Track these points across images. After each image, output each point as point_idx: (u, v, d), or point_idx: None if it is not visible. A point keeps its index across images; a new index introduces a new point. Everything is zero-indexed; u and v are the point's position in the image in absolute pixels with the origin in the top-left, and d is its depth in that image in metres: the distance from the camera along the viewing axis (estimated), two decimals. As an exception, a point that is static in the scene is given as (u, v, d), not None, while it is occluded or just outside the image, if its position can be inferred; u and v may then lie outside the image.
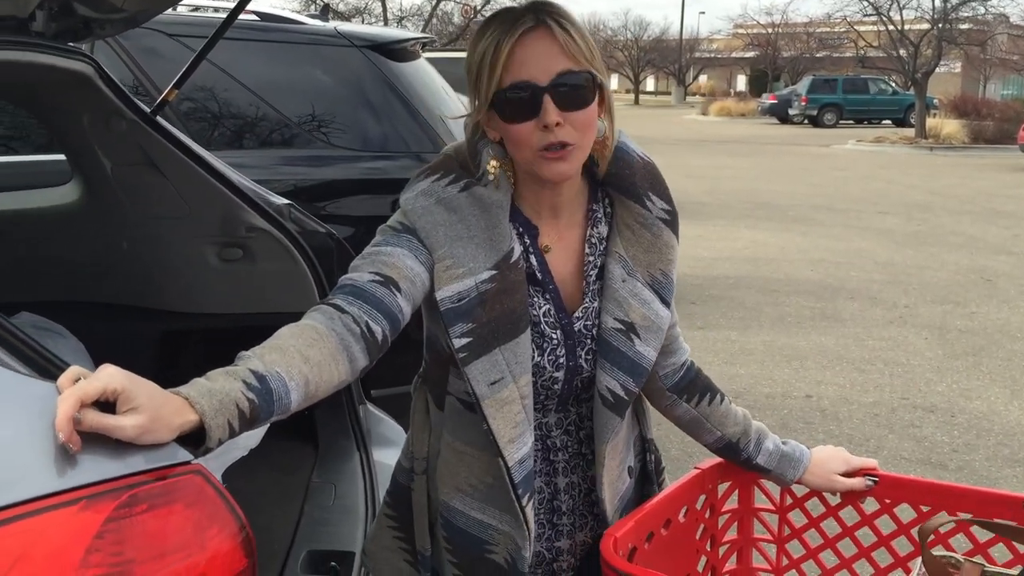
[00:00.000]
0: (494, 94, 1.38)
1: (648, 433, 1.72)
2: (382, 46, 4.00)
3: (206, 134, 3.92)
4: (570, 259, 1.52)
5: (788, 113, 35.32)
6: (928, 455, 4.39)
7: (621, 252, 1.50)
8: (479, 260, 1.41)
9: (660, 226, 1.50)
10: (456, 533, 1.55)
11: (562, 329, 1.49)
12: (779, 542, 1.82)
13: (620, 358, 1.48)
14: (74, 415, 1.02)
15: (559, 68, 1.36)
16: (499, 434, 1.42)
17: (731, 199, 13.18)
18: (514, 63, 1.36)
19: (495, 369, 1.41)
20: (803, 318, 6.93)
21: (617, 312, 1.48)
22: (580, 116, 1.38)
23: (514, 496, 1.45)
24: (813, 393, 5.28)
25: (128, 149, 2.36)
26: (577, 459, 1.60)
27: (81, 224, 2.55)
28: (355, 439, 2.44)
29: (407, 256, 1.40)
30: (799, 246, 9.82)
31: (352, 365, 1.31)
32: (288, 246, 2.42)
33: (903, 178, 16.57)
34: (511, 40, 1.35)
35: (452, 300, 1.40)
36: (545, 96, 1.35)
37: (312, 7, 24.13)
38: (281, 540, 2.05)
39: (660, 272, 1.51)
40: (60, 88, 2.23)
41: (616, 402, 1.49)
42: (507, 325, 1.41)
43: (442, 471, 1.57)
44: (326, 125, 4.00)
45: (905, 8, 27.07)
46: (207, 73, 3.85)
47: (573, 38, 1.37)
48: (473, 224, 1.42)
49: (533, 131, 1.37)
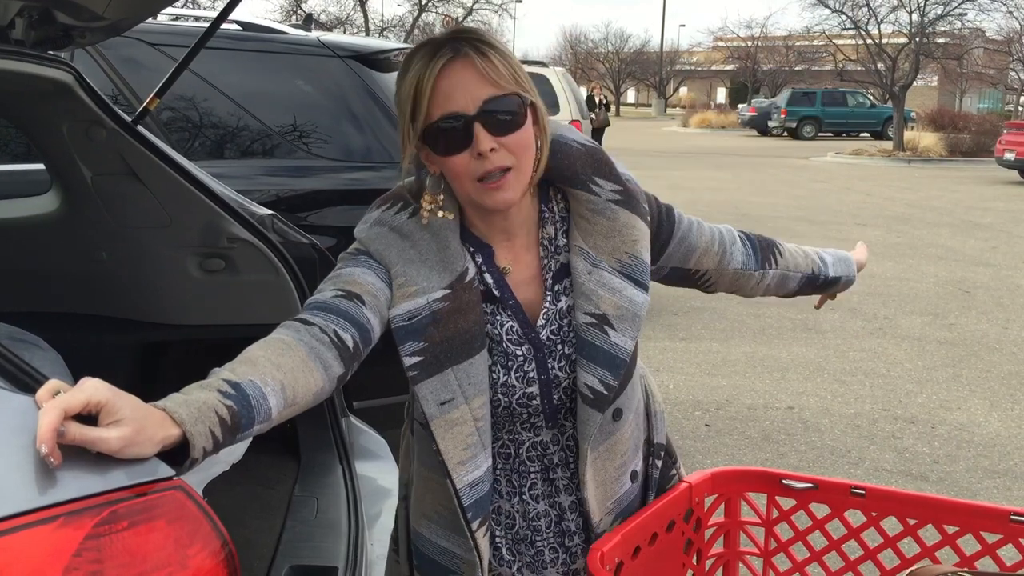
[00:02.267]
0: (423, 129, 1.36)
1: (657, 438, 1.69)
2: (365, 56, 3.99)
3: (187, 144, 3.89)
4: (530, 272, 1.50)
5: (768, 125, 35.56)
6: (909, 466, 4.41)
7: (581, 244, 1.47)
8: (432, 280, 1.40)
9: (614, 208, 1.47)
10: (425, 562, 1.55)
11: (529, 343, 1.47)
12: (765, 556, 1.81)
13: (596, 352, 1.46)
14: (57, 427, 1.00)
15: (485, 95, 1.34)
16: (447, 455, 1.40)
17: (712, 211, 13.22)
18: (439, 96, 1.34)
19: (446, 389, 1.39)
20: (784, 329, 6.95)
21: (587, 306, 1.46)
22: (513, 139, 1.36)
23: (463, 520, 1.43)
24: (795, 404, 5.29)
25: (108, 158, 2.33)
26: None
27: (60, 234, 2.51)
28: (338, 452, 2.41)
29: (367, 273, 1.41)
30: (780, 257, 9.83)
31: (328, 372, 1.30)
32: (271, 257, 2.39)
33: (881, 190, 16.70)
34: (432, 74, 1.34)
35: (403, 318, 1.39)
36: (475, 124, 1.34)
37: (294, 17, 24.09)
38: (263, 555, 2.02)
39: (627, 255, 1.47)
40: (39, 96, 2.21)
41: (596, 398, 1.46)
42: (461, 345, 1.40)
43: (414, 498, 1.57)
44: (308, 135, 3.98)
45: (883, 22, 27.36)
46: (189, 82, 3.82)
47: (494, 63, 1.35)
48: (424, 248, 1.42)
49: (469, 161, 1.35)
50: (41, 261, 2.55)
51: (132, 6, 2.20)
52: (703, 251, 1.65)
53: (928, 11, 26.68)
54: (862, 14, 27.11)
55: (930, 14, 26.77)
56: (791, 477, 1.75)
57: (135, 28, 3.69)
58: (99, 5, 2.13)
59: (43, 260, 2.55)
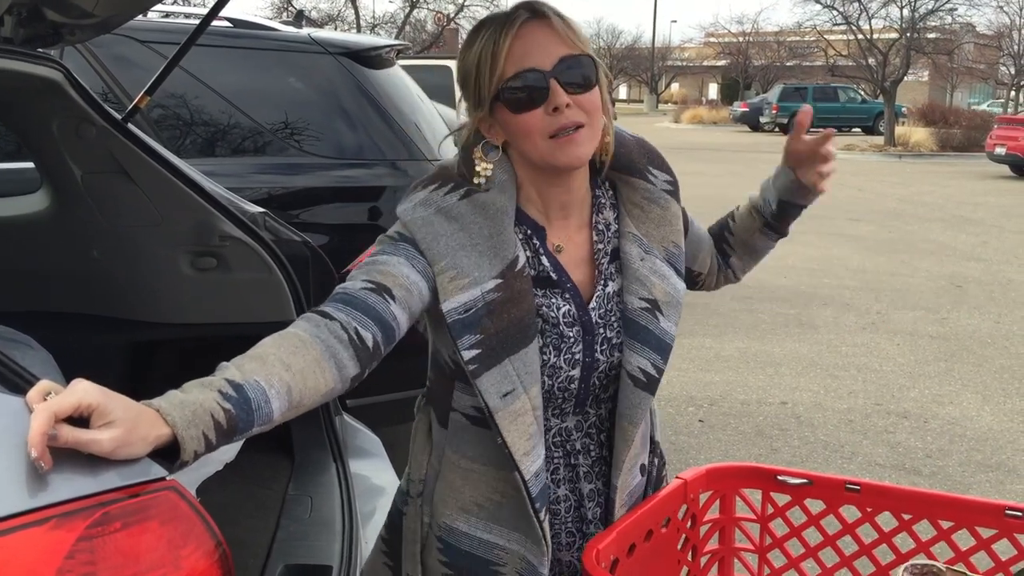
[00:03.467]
0: (498, 89, 1.37)
1: (656, 434, 1.70)
2: (356, 53, 3.97)
3: (178, 141, 3.87)
4: (583, 253, 1.51)
5: (760, 121, 35.57)
6: (902, 461, 4.42)
7: (634, 231, 1.51)
8: (484, 269, 1.38)
9: (667, 198, 1.53)
10: (460, 557, 1.51)
11: (580, 325, 1.47)
12: (761, 552, 1.80)
13: (648, 336, 1.48)
14: (48, 431, 0.99)
15: (561, 53, 1.37)
16: (514, 447, 1.39)
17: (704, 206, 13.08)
18: (515, 54, 1.36)
19: (506, 380, 1.38)
20: (777, 325, 6.96)
21: (641, 291, 1.49)
22: (587, 98, 1.38)
23: (532, 511, 1.42)
24: (788, 400, 5.30)
25: (98, 156, 2.32)
26: (600, 464, 1.57)
27: (50, 233, 2.50)
28: (331, 450, 2.40)
29: (403, 264, 1.37)
30: (772, 253, 9.76)
31: (341, 372, 1.27)
32: (263, 255, 2.38)
33: (873, 185, 16.74)
34: (510, 34, 1.36)
35: (459, 311, 1.37)
36: (551, 80, 1.36)
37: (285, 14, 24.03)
38: (257, 554, 2.01)
39: (672, 244, 1.52)
40: (28, 94, 2.19)
41: (648, 381, 1.48)
42: (516, 335, 1.39)
43: (443, 492, 1.53)
44: (300, 133, 3.96)
45: (874, 18, 27.42)
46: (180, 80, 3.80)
47: (570, 25, 1.40)
48: (475, 232, 1.39)
49: (542, 117, 1.37)
50: (32, 260, 2.53)
51: (122, 3, 2.19)
52: (705, 252, 1.71)
53: (919, 6, 26.78)
54: (853, 9, 27.18)
55: (921, 9, 26.87)
56: (786, 473, 1.75)
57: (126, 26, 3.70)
58: (89, 2, 2.12)
59: (34, 259, 2.53)
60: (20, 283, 2.54)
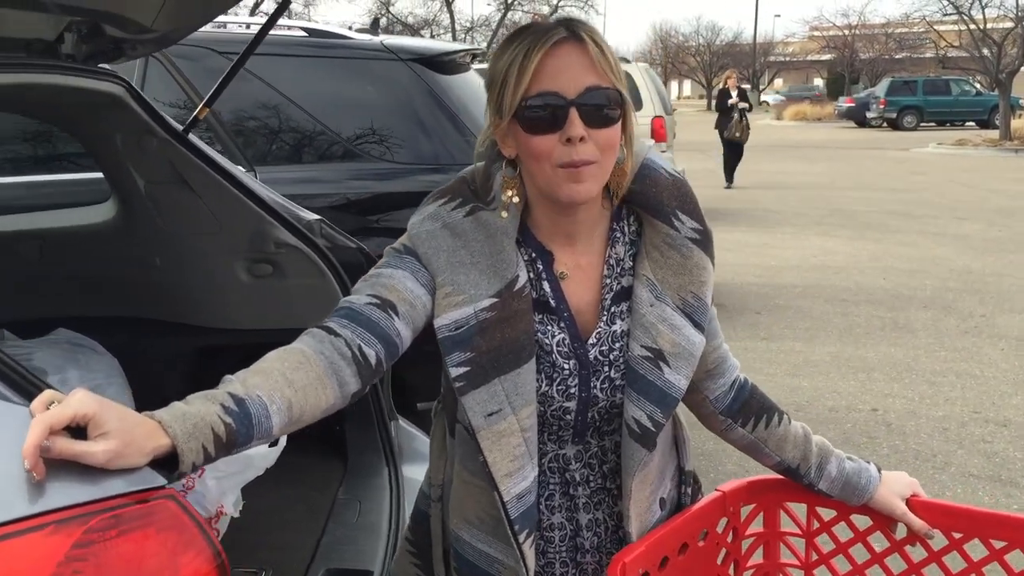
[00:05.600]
0: (519, 103, 1.32)
1: (686, 464, 1.64)
2: (428, 59, 4.00)
3: (263, 150, 3.99)
4: (588, 284, 1.46)
5: (866, 116, 34.51)
6: (998, 471, 4.20)
7: (649, 275, 1.43)
8: (480, 287, 1.36)
9: (690, 246, 1.42)
10: (465, 564, 1.52)
11: (576, 358, 1.43)
12: (807, 568, 1.74)
13: (648, 387, 1.41)
14: (42, 443, 1.02)
15: (588, 83, 1.31)
16: (495, 467, 1.37)
17: (803, 205, 12.90)
18: (543, 73, 1.31)
19: (493, 400, 1.36)
20: (872, 328, 6.71)
21: (644, 338, 1.41)
22: (603, 135, 1.33)
23: (510, 532, 1.40)
24: (879, 406, 5.10)
25: (160, 167, 2.39)
26: (601, 494, 1.54)
27: (117, 241, 2.59)
28: (384, 455, 2.42)
29: (408, 278, 1.37)
30: (871, 253, 9.54)
31: (342, 389, 1.29)
32: (317, 261, 2.42)
33: (985, 182, 16.00)
34: (542, 49, 1.31)
35: (450, 328, 1.36)
36: (571, 109, 1.30)
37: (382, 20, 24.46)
38: (302, 558, 2.04)
39: (691, 295, 1.43)
40: (92, 109, 2.27)
41: (643, 433, 1.42)
42: (508, 355, 1.36)
43: (453, 501, 1.54)
44: (376, 139, 4.02)
45: (987, 6, 26.24)
46: (259, 90, 3.92)
47: (605, 55, 1.33)
48: (476, 250, 1.38)
49: (555, 145, 1.32)
50: (99, 267, 2.63)
51: (180, 18, 2.25)
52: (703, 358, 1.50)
53: (1036, -7, 25.50)
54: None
55: (1038, -4, 25.57)
56: (831, 487, 1.67)
57: (208, 39, 3.82)
58: (147, 18, 2.19)
59: (102, 266, 2.63)
60: (88, 289, 2.65)
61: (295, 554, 2.05)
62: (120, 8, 2.08)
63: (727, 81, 14.92)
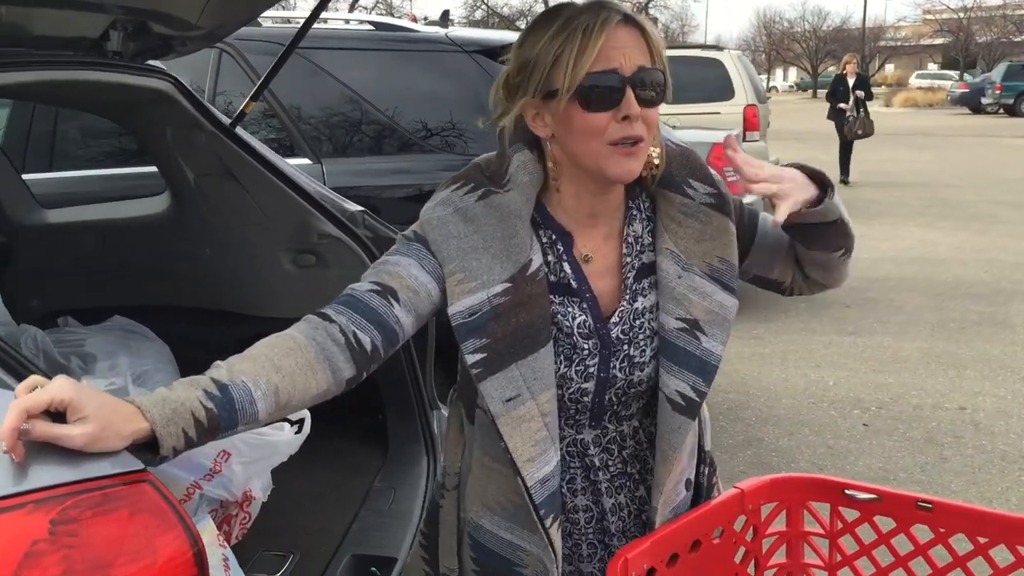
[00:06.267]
0: (579, 81, 1.31)
1: (707, 444, 1.63)
2: (492, 50, 4.01)
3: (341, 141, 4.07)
4: (610, 265, 1.45)
5: (981, 102, 33.01)
6: (1092, 476, 3.97)
7: (672, 247, 1.42)
8: (493, 272, 1.36)
9: (708, 212, 1.43)
10: (484, 554, 1.51)
11: (598, 338, 1.42)
12: (830, 568, 1.67)
13: (688, 358, 1.41)
14: (20, 426, 1.06)
15: (641, 63, 1.33)
16: (517, 452, 1.36)
17: (905, 195, 12.42)
18: (604, 52, 1.31)
19: (511, 386, 1.35)
20: (968, 323, 6.42)
21: (677, 311, 1.42)
22: (652, 114, 1.35)
23: (536, 517, 1.39)
24: (968, 405, 4.88)
25: (208, 160, 2.47)
26: (622, 479, 1.52)
27: (170, 232, 2.68)
28: (425, 444, 2.44)
29: (413, 265, 1.38)
30: (974, 246, 9.12)
31: (335, 375, 1.30)
32: (359, 252, 2.45)
33: (1108, 169, 15.15)
34: (604, 31, 1.31)
35: (464, 315, 1.35)
36: (628, 87, 1.32)
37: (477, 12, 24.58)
38: (330, 543, 2.07)
39: (717, 259, 1.43)
40: (142, 105, 2.35)
41: (688, 404, 1.41)
42: (524, 340, 1.35)
43: (472, 488, 1.53)
44: (442, 131, 4.05)
45: (1115, -17, 24.75)
46: (328, 85, 4.01)
47: (655, 38, 1.36)
48: (489, 234, 1.37)
49: (610, 122, 1.32)
50: (154, 257, 2.73)
51: (226, 14, 2.30)
52: (786, 261, 1.55)
53: None
54: (1090, -25, 24.64)
55: None
56: (854, 487, 1.61)
57: (273, 35, 3.91)
58: (192, 15, 2.25)
59: (156, 256, 2.73)
60: (141, 278, 2.75)
61: (325, 539, 2.09)
62: (163, 6, 2.14)
63: (846, 67, 13.57)
